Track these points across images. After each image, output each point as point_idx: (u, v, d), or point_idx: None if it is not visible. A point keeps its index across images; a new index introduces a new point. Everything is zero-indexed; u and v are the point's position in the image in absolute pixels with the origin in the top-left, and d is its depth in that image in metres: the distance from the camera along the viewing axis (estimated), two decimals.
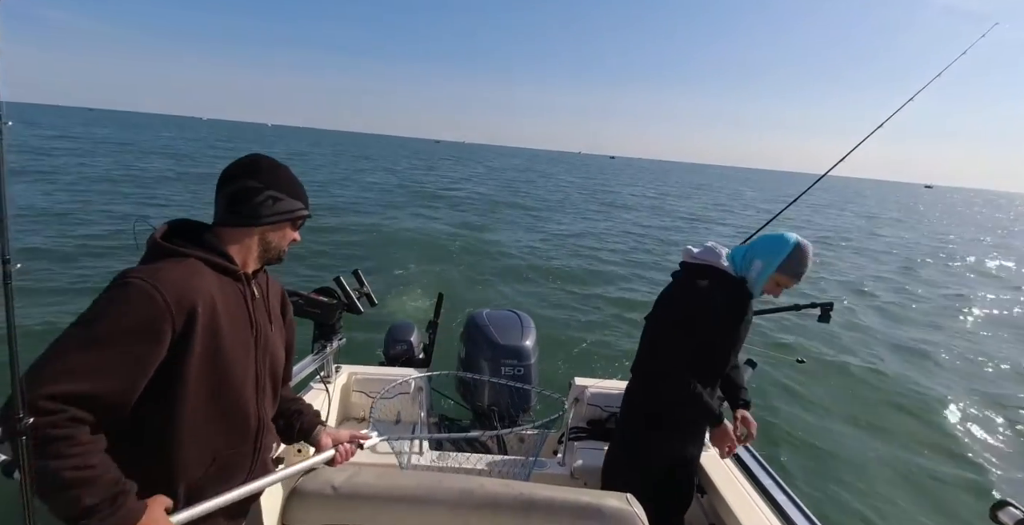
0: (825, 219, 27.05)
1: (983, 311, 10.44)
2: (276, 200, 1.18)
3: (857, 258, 15.47)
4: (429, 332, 3.29)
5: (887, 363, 6.95)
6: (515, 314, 3.28)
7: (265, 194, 1.17)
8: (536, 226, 16.20)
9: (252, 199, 1.15)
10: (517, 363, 2.95)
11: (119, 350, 0.94)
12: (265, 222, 1.18)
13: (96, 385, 0.92)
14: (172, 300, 0.99)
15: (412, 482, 1.45)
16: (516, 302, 7.90)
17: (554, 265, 10.90)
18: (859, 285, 11.56)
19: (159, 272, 1.01)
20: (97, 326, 0.94)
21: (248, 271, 1.20)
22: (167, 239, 1.10)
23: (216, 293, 1.08)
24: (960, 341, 8.35)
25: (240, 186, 1.16)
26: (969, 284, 13.36)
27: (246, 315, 1.16)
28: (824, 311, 2.62)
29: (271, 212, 1.17)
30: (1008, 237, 27.88)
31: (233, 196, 1.16)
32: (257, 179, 1.17)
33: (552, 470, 2.37)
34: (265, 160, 1.21)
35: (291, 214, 1.21)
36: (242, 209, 1.15)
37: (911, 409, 5.71)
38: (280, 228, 1.21)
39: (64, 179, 16.36)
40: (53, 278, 7.05)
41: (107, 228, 10.28)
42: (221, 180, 1.18)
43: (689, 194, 39.91)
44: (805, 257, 1.76)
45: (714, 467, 2.20)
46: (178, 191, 16.23)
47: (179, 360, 1.02)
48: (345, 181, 24.90)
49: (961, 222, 35.61)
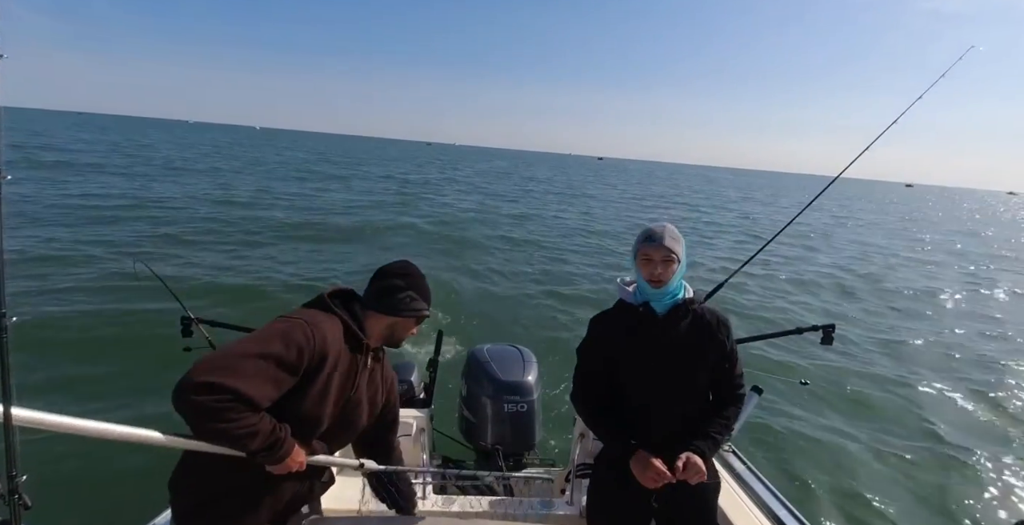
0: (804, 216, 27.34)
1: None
2: (413, 299, 1.55)
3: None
4: (430, 371, 3.25)
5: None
6: (516, 349, 3.25)
7: (406, 293, 1.54)
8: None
9: (395, 295, 1.53)
10: (520, 399, 2.90)
11: (269, 372, 1.27)
12: (400, 314, 1.53)
13: (242, 386, 1.23)
14: (318, 348, 1.33)
15: None
16: (515, 335, 7.81)
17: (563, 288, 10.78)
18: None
19: (320, 324, 1.37)
20: (264, 347, 1.27)
21: (371, 344, 1.53)
22: (331, 297, 1.48)
23: (342, 353, 1.42)
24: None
25: (391, 283, 1.54)
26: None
27: (353, 379, 1.48)
28: (826, 333, 2.62)
29: (406, 308, 1.54)
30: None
31: (383, 288, 1.54)
32: (405, 281, 1.55)
33: (560, 510, 2.31)
34: (413, 267, 1.61)
35: (418, 313, 1.57)
36: (387, 300, 1.52)
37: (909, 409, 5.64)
38: (408, 321, 1.57)
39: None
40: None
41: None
42: (378, 274, 1.57)
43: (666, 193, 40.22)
44: (642, 232, 1.71)
45: (725, 500, 2.14)
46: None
47: (301, 386, 1.35)
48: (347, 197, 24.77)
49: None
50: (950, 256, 19.02)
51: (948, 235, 26.71)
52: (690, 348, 1.66)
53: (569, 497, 2.37)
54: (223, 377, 1.20)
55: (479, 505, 2.33)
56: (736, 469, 2.37)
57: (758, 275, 12.18)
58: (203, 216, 14.68)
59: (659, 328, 1.66)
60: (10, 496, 1.09)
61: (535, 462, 3.09)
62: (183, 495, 1.42)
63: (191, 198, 17.52)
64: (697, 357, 1.66)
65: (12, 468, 1.08)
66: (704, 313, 1.70)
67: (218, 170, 28.96)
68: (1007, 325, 10.11)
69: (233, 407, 1.22)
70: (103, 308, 7.13)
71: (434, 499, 2.34)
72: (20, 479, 1.09)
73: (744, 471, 2.35)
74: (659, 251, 1.63)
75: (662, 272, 1.63)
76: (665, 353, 1.65)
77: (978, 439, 5.46)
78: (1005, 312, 11.26)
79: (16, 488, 1.09)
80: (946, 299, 12.04)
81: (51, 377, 5.24)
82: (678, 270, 1.65)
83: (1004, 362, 7.85)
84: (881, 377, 6.94)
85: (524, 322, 8.50)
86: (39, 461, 3.80)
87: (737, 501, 2.16)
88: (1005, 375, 7.35)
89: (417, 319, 1.60)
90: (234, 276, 9.42)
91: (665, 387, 1.66)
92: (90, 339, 6.23)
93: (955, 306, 11.59)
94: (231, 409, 1.21)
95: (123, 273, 8.38)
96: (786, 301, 10.73)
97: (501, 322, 8.49)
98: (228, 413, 1.21)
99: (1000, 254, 20.96)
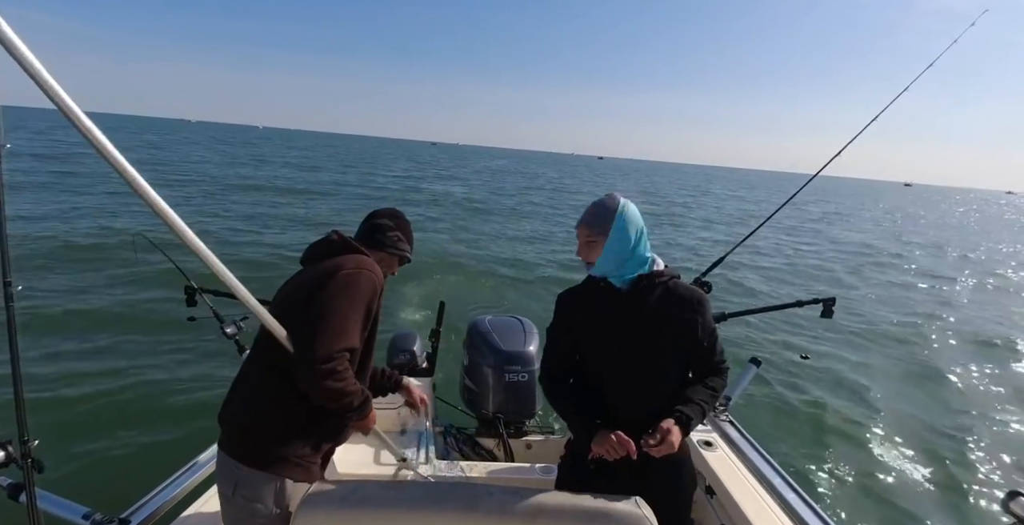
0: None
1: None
2: (399, 240, 1.71)
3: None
4: (432, 341, 3.28)
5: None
6: (517, 320, 3.27)
7: (395, 233, 1.70)
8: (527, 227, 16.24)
9: (385, 233, 1.69)
10: (521, 369, 2.94)
11: (363, 318, 1.48)
12: (386, 250, 1.68)
13: (356, 341, 1.46)
14: (379, 284, 1.53)
15: (419, 492, 1.44)
16: (520, 307, 7.89)
17: (554, 267, 10.89)
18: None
19: (374, 267, 1.54)
20: (355, 301, 1.45)
21: None
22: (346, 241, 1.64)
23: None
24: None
25: (382, 222, 1.70)
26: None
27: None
28: (826, 307, 2.64)
29: (393, 246, 1.70)
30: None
31: (374, 226, 1.69)
32: (394, 222, 1.72)
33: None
34: (401, 213, 1.78)
35: (403, 252, 1.73)
36: (377, 236, 1.68)
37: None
38: (392, 260, 1.72)
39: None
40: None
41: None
42: (370, 215, 1.74)
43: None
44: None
45: (721, 467, 2.19)
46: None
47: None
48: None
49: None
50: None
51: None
52: (654, 321, 1.55)
53: None
54: (346, 342, 1.41)
55: (481, 470, 2.38)
56: (731, 436, 2.40)
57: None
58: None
59: (620, 302, 1.58)
60: (23, 460, 1.12)
61: (536, 430, 3.15)
62: (268, 425, 1.48)
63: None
64: (662, 331, 1.55)
65: (24, 433, 1.10)
66: (677, 288, 1.59)
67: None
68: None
69: (347, 366, 1.43)
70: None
71: (437, 464, 2.40)
72: (32, 443, 1.11)
73: (739, 438, 2.39)
74: (581, 233, 1.59)
75: (586, 253, 1.59)
76: (626, 327, 1.57)
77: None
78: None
79: (29, 452, 1.11)
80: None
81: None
82: (608, 248, 1.54)
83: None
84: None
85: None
86: (53, 427, 3.89)
87: (732, 468, 2.20)
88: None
89: (400, 259, 1.74)
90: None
91: (627, 363, 1.57)
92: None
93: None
94: (346, 368, 1.42)
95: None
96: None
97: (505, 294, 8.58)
98: (345, 372, 1.42)
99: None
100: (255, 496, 1.43)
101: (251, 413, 1.49)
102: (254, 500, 1.43)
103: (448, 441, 2.95)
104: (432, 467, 2.36)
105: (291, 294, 1.55)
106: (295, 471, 1.47)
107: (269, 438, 1.46)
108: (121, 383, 4.73)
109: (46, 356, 5.06)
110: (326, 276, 1.48)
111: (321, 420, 1.52)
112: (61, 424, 3.96)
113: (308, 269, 1.60)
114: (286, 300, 1.55)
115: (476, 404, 3.04)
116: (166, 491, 1.77)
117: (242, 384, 1.56)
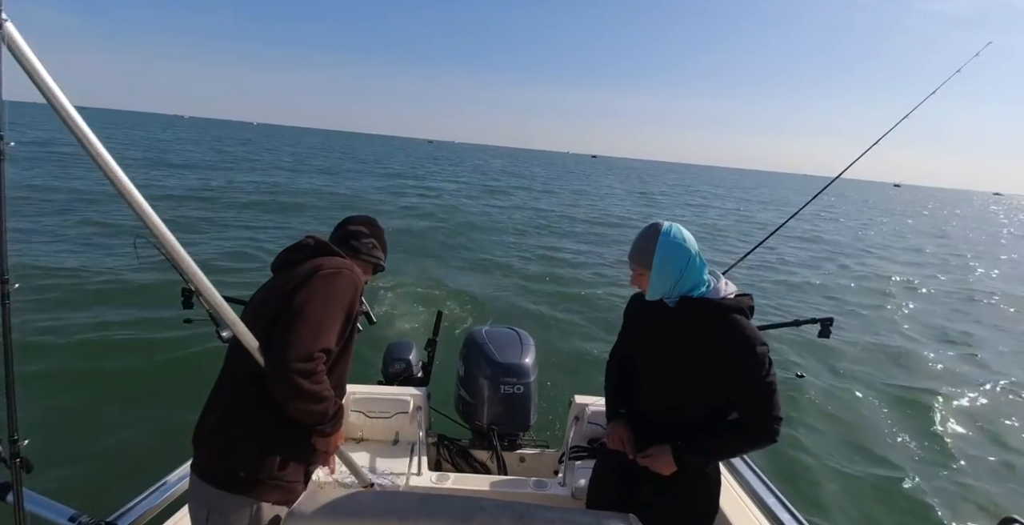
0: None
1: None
2: (374, 247, 1.69)
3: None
4: (428, 350, 3.26)
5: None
6: (514, 331, 3.25)
7: (370, 240, 1.69)
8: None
9: (360, 239, 1.67)
10: (516, 381, 2.92)
11: (342, 320, 1.41)
12: (359, 257, 1.65)
13: (333, 342, 1.39)
14: (360, 287, 1.49)
15: (410, 504, 1.43)
16: (516, 318, 7.85)
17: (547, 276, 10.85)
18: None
19: (353, 267, 1.51)
20: (335, 301, 1.39)
21: None
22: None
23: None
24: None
25: (357, 229, 1.68)
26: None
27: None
28: (824, 326, 2.61)
29: (367, 253, 1.67)
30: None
31: (349, 233, 1.67)
32: (369, 229, 1.70)
33: (553, 491, 2.34)
34: (376, 221, 1.76)
35: (377, 260, 1.71)
36: (352, 243, 1.65)
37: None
38: (366, 266, 1.69)
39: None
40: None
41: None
42: (344, 221, 1.71)
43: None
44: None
45: (726, 498, 2.14)
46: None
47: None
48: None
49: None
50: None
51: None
52: (695, 350, 1.52)
53: (562, 478, 2.40)
54: (324, 343, 1.35)
55: (473, 482, 2.36)
56: (736, 467, 2.34)
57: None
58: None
59: (667, 317, 1.58)
60: (12, 460, 1.11)
61: (530, 443, 3.12)
62: (248, 441, 1.41)
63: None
64: (695, 356, 1.52)
65: (14, 432, 1.09)
66: (732, 330, 1.48)
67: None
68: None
69: (324, 369, 1.36)
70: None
71: (429, 475, 2.37)
72: (22, 443, 1.10)
73: (744, 469, 2.32)
74: (631, 265, 1.62)
75: (639, 283, 1.63)
76: (667, 343, 1.59)
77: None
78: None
79: (18, 452, 1.10)
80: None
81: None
82: (653, 280, 1.55)
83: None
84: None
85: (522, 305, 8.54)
86: (42, 426, 3.85)
87: (737, 501, 2.15)
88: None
89: (374, 266, 1.72)
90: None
91: (661, 377, 1.61)
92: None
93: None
94: (323, 371, 1.36)
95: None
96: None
97: (499, 305, 8.54)
98: (322, 375, 1.35)
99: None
100: (229, 522, 1.36)
101: (226, 432, 1.41)
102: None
103: (441, 452, 2.92)
104: (424, 478, 2.34)
105: (264, 301, 1.46)
106: (274, 493, 1.40)
107: (244, 459, 1.38)
108: (114, 383, 4.69)
109: (39, 356, 5.03)
110: (304, 277, 1.41)
111: (300, 436, 1.44)
112: (47, 424, 3.93)
113: (282, 274, 1.51)
114: (259, 308, 1.45)
115: (470, 415, 3.01)
116: (153, 496, 1.75)
117: (216, 398, 1.49)
